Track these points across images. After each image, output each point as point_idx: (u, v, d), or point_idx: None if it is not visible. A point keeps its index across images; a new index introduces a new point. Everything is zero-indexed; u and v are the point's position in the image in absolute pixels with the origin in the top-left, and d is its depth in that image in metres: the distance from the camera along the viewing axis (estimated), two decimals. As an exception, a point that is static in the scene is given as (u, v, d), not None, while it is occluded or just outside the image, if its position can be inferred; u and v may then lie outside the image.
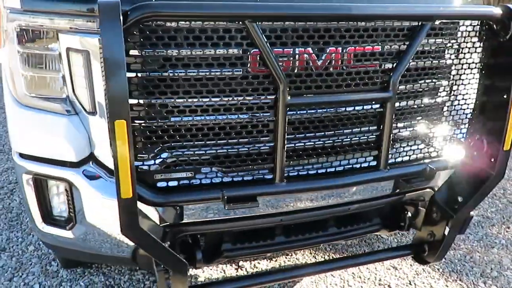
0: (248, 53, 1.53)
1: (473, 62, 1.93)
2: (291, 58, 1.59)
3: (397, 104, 1.80)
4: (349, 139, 1.78)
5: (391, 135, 1.82)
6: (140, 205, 1.62)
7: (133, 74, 1.47)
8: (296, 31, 1.56)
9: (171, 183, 1.64)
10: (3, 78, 1.90)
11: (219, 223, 1.84)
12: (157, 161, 1.60)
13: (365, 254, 2.44)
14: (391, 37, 1.69)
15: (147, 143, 1.58)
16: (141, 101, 1.50)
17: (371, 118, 1.80)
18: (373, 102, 1.75)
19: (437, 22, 1.76)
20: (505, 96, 1.86)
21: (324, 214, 2.00)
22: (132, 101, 1.48)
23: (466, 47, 1.91)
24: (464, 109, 2.00)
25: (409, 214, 2.22)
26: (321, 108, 1.69)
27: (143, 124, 1.54)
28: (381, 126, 1.79)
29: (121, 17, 1.30)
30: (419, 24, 1.68)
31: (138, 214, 1.47)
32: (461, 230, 2.09)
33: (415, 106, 1.87)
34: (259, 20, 1.46)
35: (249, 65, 1.56)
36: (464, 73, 1.94)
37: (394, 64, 1.71)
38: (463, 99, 1.97)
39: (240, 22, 1.46)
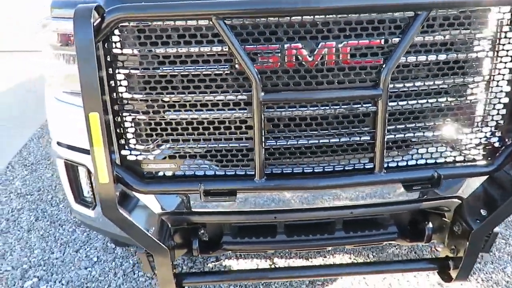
0: (220, 50, 1.57)
1: (501, 56, 1.67)
2: (266, 55, 1.57)
3: (393, 103, 1.66)
4: (337, 139, 1.70)
5: (388, 136, 1.68)
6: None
7: (115, 71, 1.61)
8: (268, 27, 1.54)
9: (157, 173, 1.76)
10: (45, 77, 2.22)
11: (212, 215, 1.90)
12: (144, 152, 1.72)
13: (385, 263, 2.28)
14: (381, 30, 1.56)
15: (134, 135, 1.71)
16: (123, 96, 1.64)
17: (363, 117, 1.69)
18: (362, 100, 1.63)
19: (443, 12, 1.57)
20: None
21: (322, 216, 1.93)
22: (114, 95, 1.63)
23: (491, 39, 1.66)
24: (490, 111, 1.75)
25: (430, 224, 2.01)
26: (302, 106, 1.64)
27: (128, 117, 1.68)
28: (375, 126, 1.66)
29: (93, 20, 1.45)
30: (414, 14, 1.53)
31: (116, 197, 1.61)
32: (484, 247, 1.84)
33: (421, 105, 1.69)
34: (224, 17, 1.48)
35: (223, 62, 1.59)
36: (489, 69, 1.69)
37: (385, 59, 1.58)
38: (488, 99, 1.72)
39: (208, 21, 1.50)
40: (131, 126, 1.70)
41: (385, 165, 1.73)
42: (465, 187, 1.98)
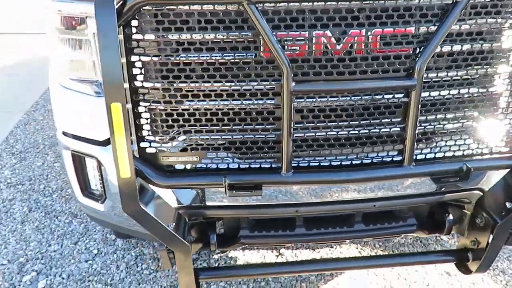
0: (250, 37, 1.48)
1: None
2: (298, 42, 1.49)
3: (425, 94, 1.60)
4: (367, 131, 1.64)
5: (418, 128, 1.63)
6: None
7: (136, 58, 1.51)
8: (302, 13, 1.46)
9: (178, 166, 1.67)
10: (50, 62, 2.08)
11: (230, 209, 1.83)
12: (164, 144, 1.63)
13: (401, 255, 2.25)
14: (418, 18, 1.50)
15: (154, 126, 1.61)
16: (145, 85, 1.54)
17: (395, 109, 1.63)
18: (394, 91, 1.57)
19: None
20: None
21: (344, 209, 1.88)
22: (135, 84, 1.53)
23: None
24: (518, 101, 1.72)
25: (451, 216, 1.99)
26: (332, 96, 1.57)
27: (149, 108, 1.58)
28: (406, 118, 1.61)
29: (115, 2, 1.34)
30: (452, 1, 1.47)
31: (137, 192, 1.52)
32: (508, 240, 1.83)
33: (452, 96, 1.65)
34: (256, 2, 1.39)
35: (253, 49, 1.50)
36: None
37: (420, 48, 1.52)
38: (515, 89, 1.69)
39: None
40: (152, 117, 1.60)
41: (414, 158, 1.68)
42: (485, 179, 1.96)
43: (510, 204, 1.77)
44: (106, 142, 1.89)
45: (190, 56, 1.50)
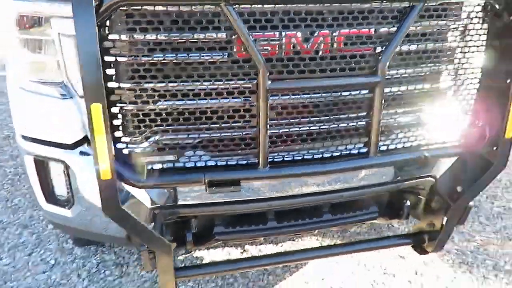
0: (226, 37, 1.53)
1: (476, 46, 1.83)
2: (272, 42, 1.57)
3: (387, 90, 1.74)
4: (336, 125, 1.75)
5: (381, 121, 1.77)
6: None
7: (112, 58, 1.50)
8: (276, 14, 1.53)
9: (156, 166, 1.68)
10: (6, 63, 1.98)
11: (204, 207, 1.86)
12: (141, 144, 1.63)
13: (362, 242, 2.41)
14: (379, 19, 1.63)
15: (130, 126, 1.61)
16: (121, 85, 1.53)
17: (360, 104, 1.76)
18: (361, 87, 1.70)
19: (433, 3, 1.68)
20: (508, 81, 1.77)
21: (315, 200, 1.98)
22: (111, 84, 1.52)
23: (470, 29, 1.81)
24: (465, 95, 1.91)
25: (408, 202, 2.16)
26: (305, 93, 1.66)
27: (125, 108, 1.57)
28: (371, 112, 1.74)
29: (93, 2, 1.33)
30: (409, 5, 1.61)
31: (118, 194, 1.51)
32: (460, 220, 2.02)
33: (409, 91, 1.80)
34: (234, 3, 1.44)
35: (228, 49, 1.55)
36: (465, 57, 1.85)
37: (383, 48, 1.65)
38: (464, 84, 1.88)
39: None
40: (128, 118, 1.60)
41: (378, 149, 1.82)
42: (436, 167, 2.15)
43: (461, 188, 1.96)
44: (74, 145, 1.84)
45: (168, 56, 1.52)
